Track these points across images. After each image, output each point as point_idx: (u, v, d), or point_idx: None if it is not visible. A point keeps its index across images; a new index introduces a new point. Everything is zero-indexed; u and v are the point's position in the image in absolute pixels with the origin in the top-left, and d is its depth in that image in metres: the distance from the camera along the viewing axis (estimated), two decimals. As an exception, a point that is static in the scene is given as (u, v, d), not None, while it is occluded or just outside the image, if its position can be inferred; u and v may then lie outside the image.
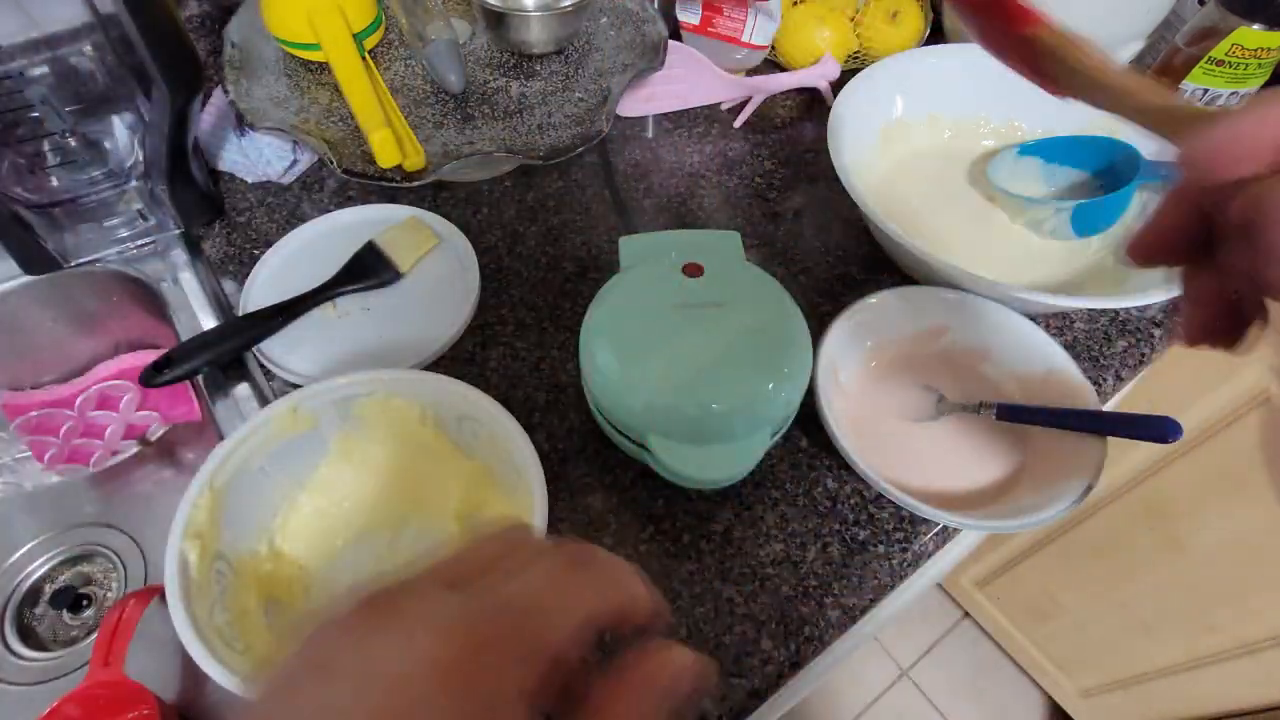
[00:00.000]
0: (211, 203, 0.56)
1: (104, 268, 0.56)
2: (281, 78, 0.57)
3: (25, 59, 0.49)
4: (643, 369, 0.41)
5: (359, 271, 0.51)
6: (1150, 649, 0.94)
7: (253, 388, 0.49)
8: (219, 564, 0.36)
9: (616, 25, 0.63)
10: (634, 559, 0.42)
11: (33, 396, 0.58)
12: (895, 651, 1.32)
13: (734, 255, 0.49)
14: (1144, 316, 0.55)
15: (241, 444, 0.37)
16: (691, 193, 0.61)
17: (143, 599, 0.50)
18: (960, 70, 0.60)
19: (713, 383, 0.40)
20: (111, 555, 0.61)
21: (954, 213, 0.59)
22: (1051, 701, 1.19)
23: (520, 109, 0.56)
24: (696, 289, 0.44)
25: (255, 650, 0.35)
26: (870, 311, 0.48)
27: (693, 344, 0.42)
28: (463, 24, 0.63)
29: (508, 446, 0.38)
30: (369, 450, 0.42)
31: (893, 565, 0.43)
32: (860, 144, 0.57)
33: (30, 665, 0.56)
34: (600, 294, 0.45)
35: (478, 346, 0.51)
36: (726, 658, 0.39)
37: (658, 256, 0.46)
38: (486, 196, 0.60)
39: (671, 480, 0.41)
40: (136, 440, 0.61)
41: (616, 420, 0.42)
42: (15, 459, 0.61)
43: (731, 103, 0.68)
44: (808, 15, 0.68)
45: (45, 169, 0.51)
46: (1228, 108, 0.22)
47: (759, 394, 0.40)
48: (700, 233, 0.52)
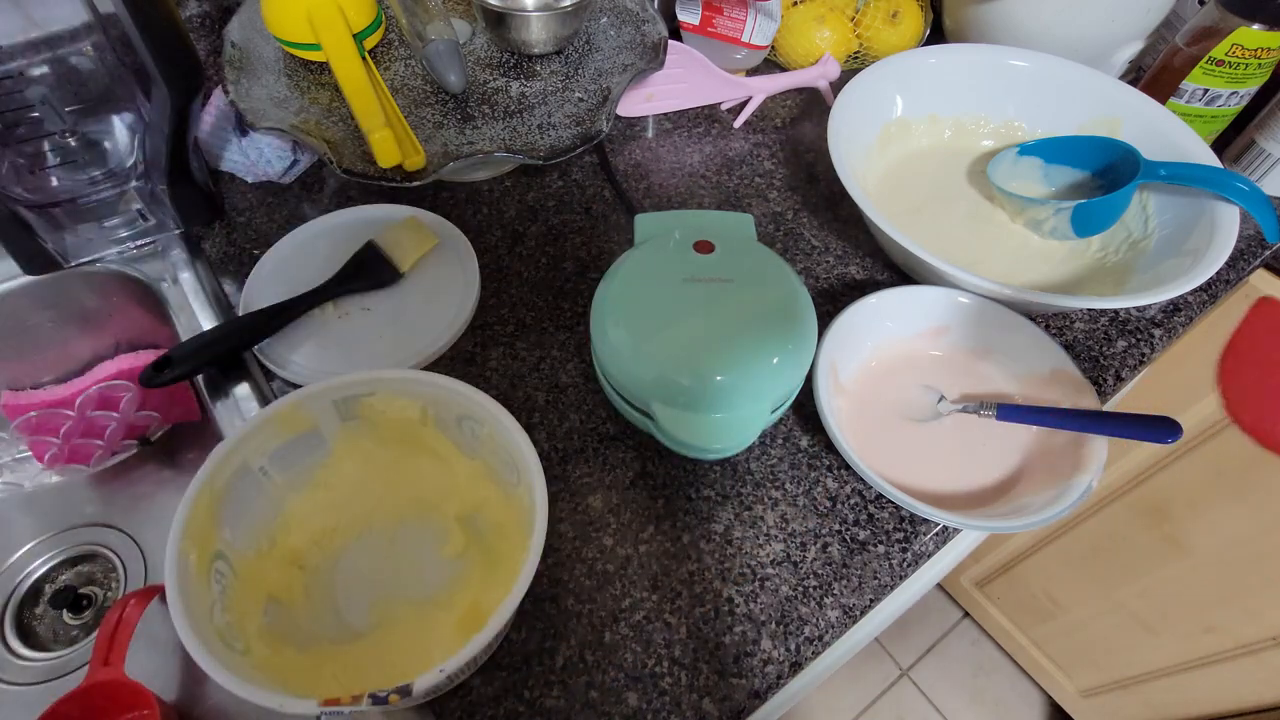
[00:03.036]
0: (211, 203, 0.56)
1: (104, 268, 0.56)
2: (281, 78, 0.57)
3: (25, 59, 0.49)
4: (650, 339, 0.42)
5: (359, 271, 0.51)
6: (1150, 649, 0.94)
7: (253, 388, 0.49)
8: (219, 564, 0.36)
9: (616, 25, 0.63)
10: (634, 559, 0.42)
11: (33, 396, 0.58)
12: (895, 651, 1.32)
13: (746, 236, 0.50)
14: (1144, 316, 0.55)
15: (241, 444, 0.37)
16: (691, 193, 0.61)
17: (143, 599, 0.50)
18: (960, 70, 0.60)
19: (717, 355, 0.41)
20: (111, 555, 0.61)
21: (954, 213, 0.59)
22: (1051, 701, 1.19)
23: (520, 109, 0.56)
24: (706, 265, 0.46)
25: (255, 650, 0.35)
26: (870, 311, 0.48)
27: (700, 317, 0.43)
28: (463, 24, 0.63)
29: (508, 446, 0.38)
30: (369, 450, 0.42)
31: (893, 565, 0.43)
32: (860, 144, 0.57)
33: (30, 665, 0.56)
34: (613, 267, 0.47)
35: (478, 346, 0.51)
36: (726, 658, 0.39)
37: (670, 233, 0.48)
38: (486, 196, 0.60)
39: (674, 449, 0.42)
40: (136, 440, 0.61)
41: (622, 388, 0.43)
42: (15, 459, 0.61)
43: (731, 103, 0.68)
44: (808, 15, 0.68)
45: (45, 169, 0.51)
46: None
47: (763, 368, 0.41)
48: (715, 213, 0.53)
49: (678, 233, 0.48)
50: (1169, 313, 0.55)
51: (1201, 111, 0.59)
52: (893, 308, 0.49)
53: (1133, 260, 0.53)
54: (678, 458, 0.46)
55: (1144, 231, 0.54)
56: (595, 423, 0.47)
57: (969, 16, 0.66)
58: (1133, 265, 0.52)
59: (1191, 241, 0.49)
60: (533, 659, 0.39)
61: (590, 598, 0.41)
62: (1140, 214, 0.55)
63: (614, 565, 0.42)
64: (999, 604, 1.16)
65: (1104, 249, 0.55)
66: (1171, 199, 0.53)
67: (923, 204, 0.59)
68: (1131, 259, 0.53)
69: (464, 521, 0.42)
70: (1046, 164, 0.58)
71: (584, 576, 0.42)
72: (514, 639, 0.39)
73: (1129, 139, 0.55)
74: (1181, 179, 0.51)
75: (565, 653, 0.39)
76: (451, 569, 0.41)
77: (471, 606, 0.39)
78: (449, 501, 0.43)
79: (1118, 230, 0.55)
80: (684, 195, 0.61)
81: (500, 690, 0.38)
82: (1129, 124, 0.56)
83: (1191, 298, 0.56)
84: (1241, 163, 0.62)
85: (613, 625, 0.40)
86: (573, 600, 0.41)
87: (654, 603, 0.41)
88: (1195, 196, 0.51)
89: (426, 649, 0.38)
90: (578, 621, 0.40)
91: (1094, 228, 0.55)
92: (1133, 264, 0.52)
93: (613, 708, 0.37)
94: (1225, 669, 0.87)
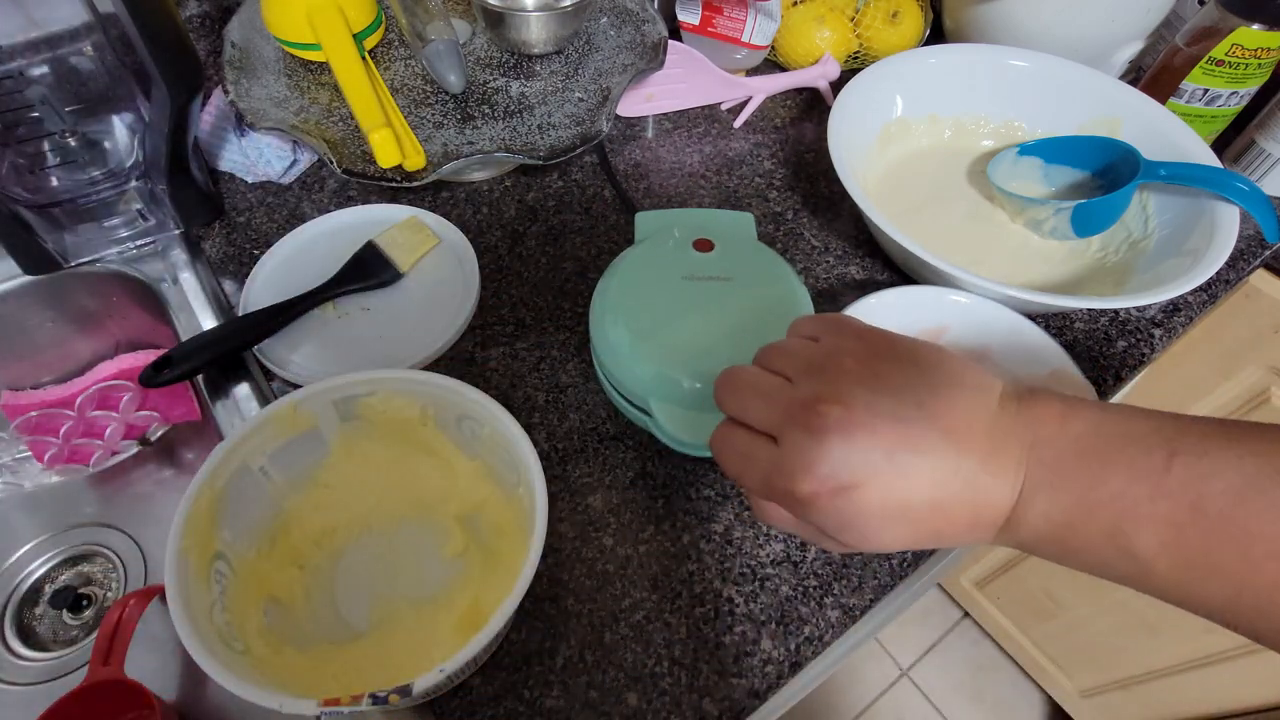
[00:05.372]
0: (211, 203, 0.56)
1: (104, 268, 0.56)
2: (281, 78, 0.57)
3: (25, 59, 0.49)
4: (649, 336, 0.42)
5: (359, 271, 0.51)
6: (1150, 649, 0.94)
7: (253, 388, 0.49)
8: (219, 564, 0.36)
9: (616, 25, 0.63)
10: (634, 559, 0.42)
11: (33, 396, 0.58)
12: (895, 651, 1.32)
13: (746, 235, 0.50)
14: (1144, 316, 0.55)
15: (241, 444, 0.37)
16: (691, 193, 0.61)
17: (143, 599, 0.50)
18: (960, 70, 0.60)
19: (716, 352, 0.42)
20: (111, 555, 0.61)
21: (954, 213, 0.59)
22: (1051, 701, 1.19)
23: (520, 109, 0.56)
24: (706, 264, 0.46)
25: (255, 650, 0.35)
26: (870, 311, 0.48)
27: (699, 315, 0.43)
28: (463, 24, 0.63)
29: (508, 446, 0.38)
30: (369, 450, 0.42)
31: (893, 565, 0.43)
32: (860, 144, 0.57)
33: (30, 665, 0.56)
34: (612, 265, 0.47)
35: (478, 346, 0.51)
36: (726, 657, 0.39)
37: (670, 231, 0.48)
38: (486, 196, 0.60)
39: (673, 447, 0.42)
40: (136, 440, 0.61)
41: (621, 385, 0.43)
42: (15, 459, 0.61)
43: (731, 103, 0.68)
44: (808, 15, 0.68)
45: (45, 169, 0.51)
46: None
47: None
48: (716, 212, 0.53)
49: (677, 231, 0.48)
50: (1169, 313, 0.55)
51: (1201, 111, 0.59)
52: (892, 308, 0.49)
53: (1133, 260, 0.53)
54: (678, 458, 0.46)
55: (1144, 231, 0.54)
56: (595, 423, 0.47)
57: (969, 16, 0.66)
58: (1133, 265, 0.52)
59: (1191, 241, 0.49)
60: (533, 659, 0.39)
61: (590, 598, 0.41)
62: (1140, 214, 0.55)
63: (614, 565, 0.42)
64: (999, 604, 1.16)
65: (1104, 249, 0.55)
66: (1171, 199, 0.53)
67: (923, 204, 0.59)
68: (1131, 259, 0.53)
69: (464, 521, 0.42)
70: (1046, 164, 0.58)
71: (584, 576, 0.42)
72: (514, 639, 0.39)
73: (1129, 139, 0.55)
74: (1181, 179, 0.51)
75: (565, 653, 0.39)
76: (451, 569, 0.41)
77: (471, 606, 0.39)
78: (449, 501, 0.43)
79: (1118, 230, 0.55)
80: (684, 195, 0.61)
81: (500, 690, 0.38)
82: (1129, 124, 0.56)
83: (1191, 298, 0.56)
84: (1241, 163, 0.62)
85: (613, 625, 0.40)
86: (573, 600, 0.41)
87: (654, 603, 0.41)
88: (1195, 196, 0.51)
89: (426, 649, 0.38)
90: (578, 621, 0.40)
91: (1094, 228, 0.55)
92: (1133, 264, 0.52)
93: (613, 708, 0.37)
94: (1225, 669, 0.87)
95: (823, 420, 0.26)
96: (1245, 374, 0.71)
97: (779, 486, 0.27)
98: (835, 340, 0.29)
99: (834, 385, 0.27)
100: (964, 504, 0.26)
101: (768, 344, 0.32)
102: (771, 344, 0.31)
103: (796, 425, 0.27)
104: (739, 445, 0.29)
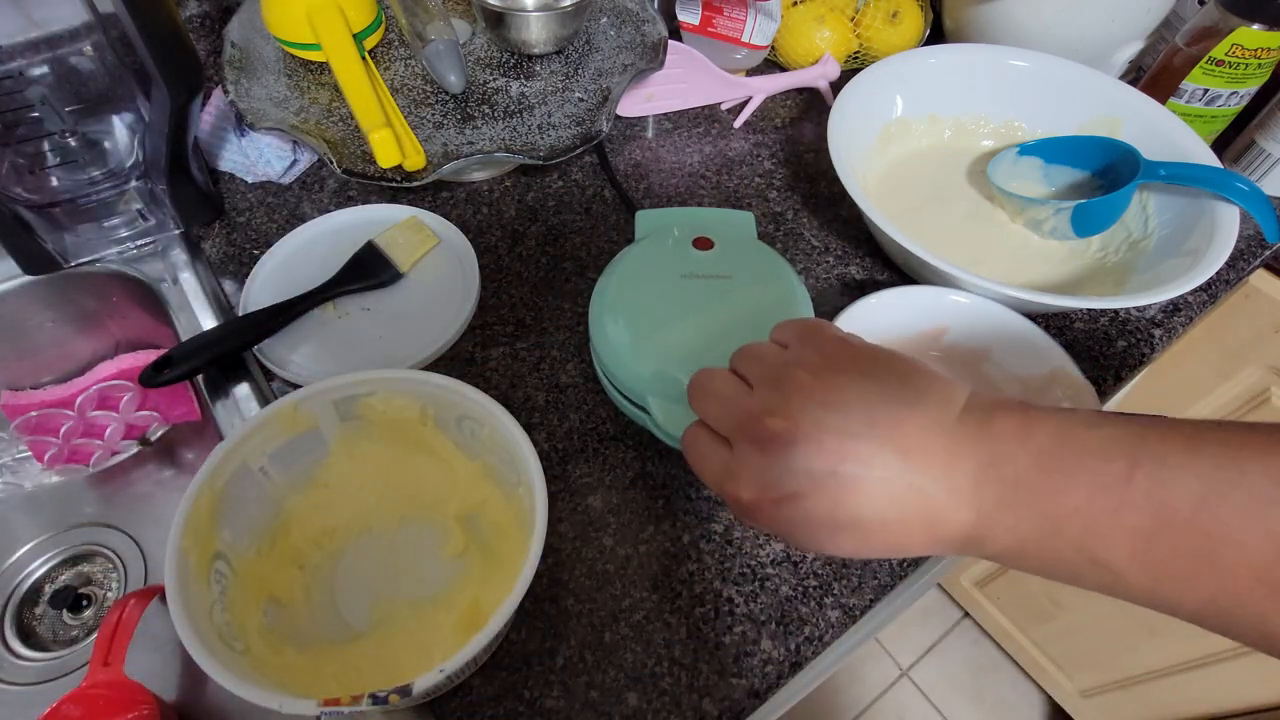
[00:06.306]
0: (211, 203, 0.56)
1: (104, 268, 0.56)
2: (281, 78, 0.57)
3: (25, 59, 0.49)
4: (648, 334, 0.43)
5: (359, 271, 0.51)
6: (1150, 649, 0.94)
7: (253, 388, 0.49)
8: (219, 564, 0.36)
9: (616, 25, 0.63)
10: (634, 559, 0.42)
11: (33, 396, 0.58)
12: (895, 651, 1.32)
13: (746, 233, 0.50)
14: (1144, 316, 0.55)
15: (241, 444, 0.37)
16: (691, 192, 0.61)
17: (143, 599, 0.50)
18: (960, 70, 0.60)
19: (715, 351, 0.41)
20: (111, 555, 0.61)
21: (954, 213, 0.59)
22: (1051, 701, 1.19)
23: (520, 109, 0.56)
24: (705, 262, 0.46)
25: (255, 650, 0.35)
26: (870, 311, 0.48)
27: (698, 313, 0.44)
28: (463, 24, 0.63)
29: (508, 446, 0.38)
30: (369, 450, 0.42)
31: (893, 565, 0.43)
32: (860, 144, 0.57)
33: (30, 665, 0.56)
34: (612, 263, 0.47)
35: (478, 346, 0.51)
36: (726, 658, 0.39)
37: (670, 229, 0.48)
38: (486, 196, 0.60)
39: (671, 444, 0.42)
40: (136, 440, 0.61)
41: (620, 383, 0.44)
42: (15, 459, 0.61)
43: (731, 103, 0.68)
44: (808, 15, 0.68)
45: (45, 169, 0.51)
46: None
47: None
48: (717, 210, 0.53)
49: (677, 229, 0.48)
50: (1169, 313, 0.55)
51: (1201, 111, 0.59)
52: (892, 308, 0.49)
53: (1133, 260, 0.53)
54: (678, 458, 0.46)
55: (1144, 231, 0.54)
56: (595, 423, 0.47)
57: (969, 16, 0.66)
58: (1133, 265, 0.52)
59: (1191, 241, 0.49)
60: (533, 659, 0.39)
61: (590, 598, 0.41)
62: (1140, 214, 0.55)
63: (614, 565, 0.42)
64: (999, 604, 1.16)
65: (1104, 249, 0.55)
66: (1171, 199, 0.53)
67: (923, 204, 0.59)
68: (1131, 259, 0.53)
69: (464, 521, 0.42)
70: (1046, 164, 0.58)
71: (584, 576, 0.42)
72: (514, 639, 0.39)
73: (1129, 139, 0.55)
74: (1181, 179, 0.51)
75: (565, 653, 0.39)
76: (451, 569, 0.41)
77: (471, 607, 0.39)
78: (449, 501, 0.43)
79: (1118, 230, 0.55)
80: (684, 195, 0.61)
81: (500, 690, 0.38)
82: (1129, 124, 0.56)
83: (1191, 298, 0.56)
84: (1241, 163, 0.62)
85: (613, 625, 0.40)
86: (573, 600, 0.41)
87: (654, 603, 0.41)
88: (1195, 196, 0.51)
89: (426, 649, 0.38)
90: (578, 621, 0.40)
91: (1094, 228, 0.55)
92: (1133, 264, 0.52)
93: (613, 708, 0.37)
94: (1225, 669, 0.87)
95: (768, 432, 0.27)
96: (1245, 374, 0.71)
97: (728, 491, 0.28)
98: (798, 351, 0.30)
99: (785, 399, 0.27)
100: (920, 520, 0.26)
101: (744, 345, 0.32)
102: (747, 346, 0.32)
103: (745, 436, 0.28)
104: (700, 446, 0.30)
